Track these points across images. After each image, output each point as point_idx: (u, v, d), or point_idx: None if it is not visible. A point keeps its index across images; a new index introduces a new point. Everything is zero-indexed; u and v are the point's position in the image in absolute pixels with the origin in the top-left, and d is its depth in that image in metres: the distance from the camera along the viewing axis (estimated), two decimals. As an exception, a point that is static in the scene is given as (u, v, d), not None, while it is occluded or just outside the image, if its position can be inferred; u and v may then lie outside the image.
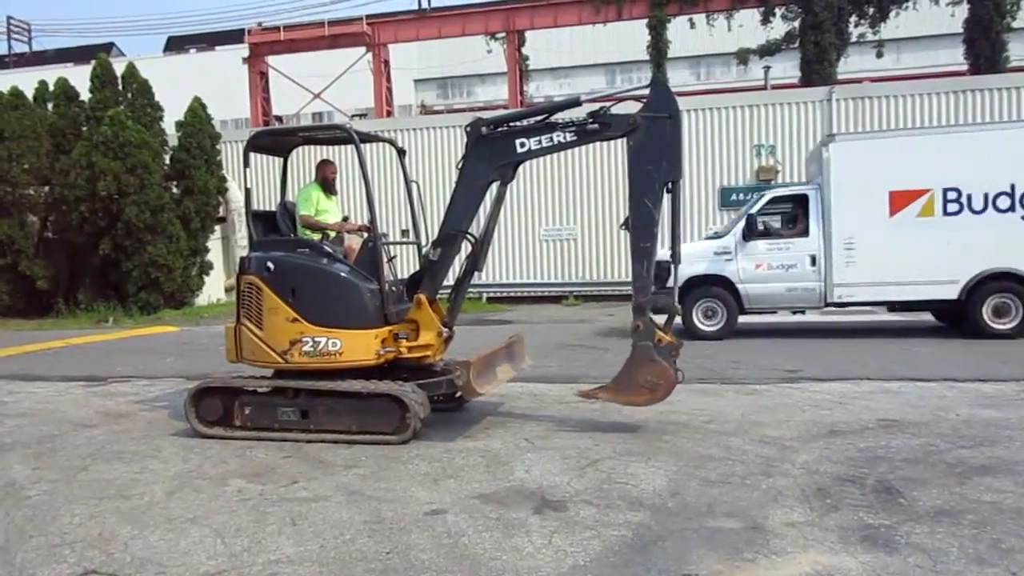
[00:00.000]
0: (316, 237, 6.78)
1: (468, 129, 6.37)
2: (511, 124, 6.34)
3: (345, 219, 7.21)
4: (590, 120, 6.06)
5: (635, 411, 6.31)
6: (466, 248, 6.64)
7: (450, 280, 6.85)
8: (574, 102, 6.42)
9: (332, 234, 6.86)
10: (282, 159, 7.51)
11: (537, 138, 6.16)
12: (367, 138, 7.06)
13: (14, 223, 19.68)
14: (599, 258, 20.16)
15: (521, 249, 21.04)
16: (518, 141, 6.19)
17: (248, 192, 6.95)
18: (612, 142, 6.98)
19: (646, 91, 6.08)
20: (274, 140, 7.84)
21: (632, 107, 6.16)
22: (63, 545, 4.12)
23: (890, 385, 7.69)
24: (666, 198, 5.99)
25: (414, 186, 7.04)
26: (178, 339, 15.33)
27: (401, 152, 7.40)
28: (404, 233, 15.02)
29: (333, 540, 4.05)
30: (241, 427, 6.38)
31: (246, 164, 6.83)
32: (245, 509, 4.60)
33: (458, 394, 6.59)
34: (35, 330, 17.86)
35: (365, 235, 6.89)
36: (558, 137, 6.13)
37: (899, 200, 10.05)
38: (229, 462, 5.67)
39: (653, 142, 5.93)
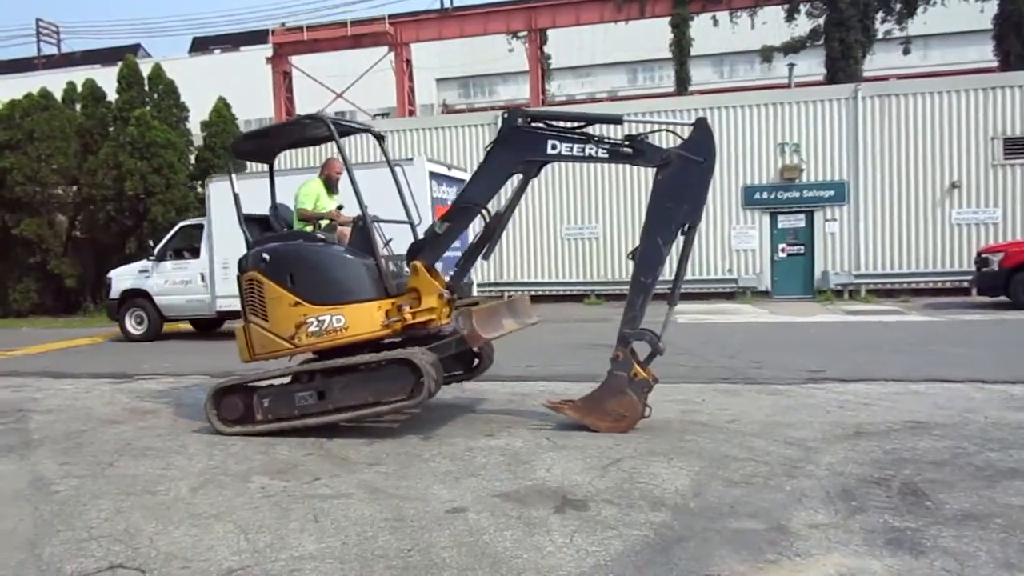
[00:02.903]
0: (309, 230, 6.87)
1: (506, 115, 6.29)
2: (549, 122, 6.27)
3: (340, 208, 7.25)
4: (625, 143, 6.00)
5: (657, 411, 6.27)
6: (477, 226, 6.63)
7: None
8: (616, 119, 6.30)
9: (324, 223, 6.95)
10: (268, 164, 7.57)
11: (570, 145, 6.08)
12: (345, 129, 7.10)
13: (43, 222, 20.02)
14: (622, 257, 20.02)
15: (543, 248, 21.00)
16: (551, 142, 6.10)
17: (236, 197, 7.00)
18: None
19: (688, 125, 6.05)
20: (257, 144, 7.59)
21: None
22: (90, 540, 4.17)
23: (916, 386, 7.57)
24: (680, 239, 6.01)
25: (399, 169, 7.16)
26: (202, 336, 15.51)
27: (380, 137, 7.49)
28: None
29: (355, 537, 4.07)
30: (263, 421, 6.43)
31: (230, 171, 6.89)
32: (268, 505, 4.63)
33: (475, 363, 6.66)
34: (63, 328, 18.15)
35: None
36: (590, 150, 6.06)
37: None
38: (253, 459, 5.72)
39: (681, 182, 5.88)
